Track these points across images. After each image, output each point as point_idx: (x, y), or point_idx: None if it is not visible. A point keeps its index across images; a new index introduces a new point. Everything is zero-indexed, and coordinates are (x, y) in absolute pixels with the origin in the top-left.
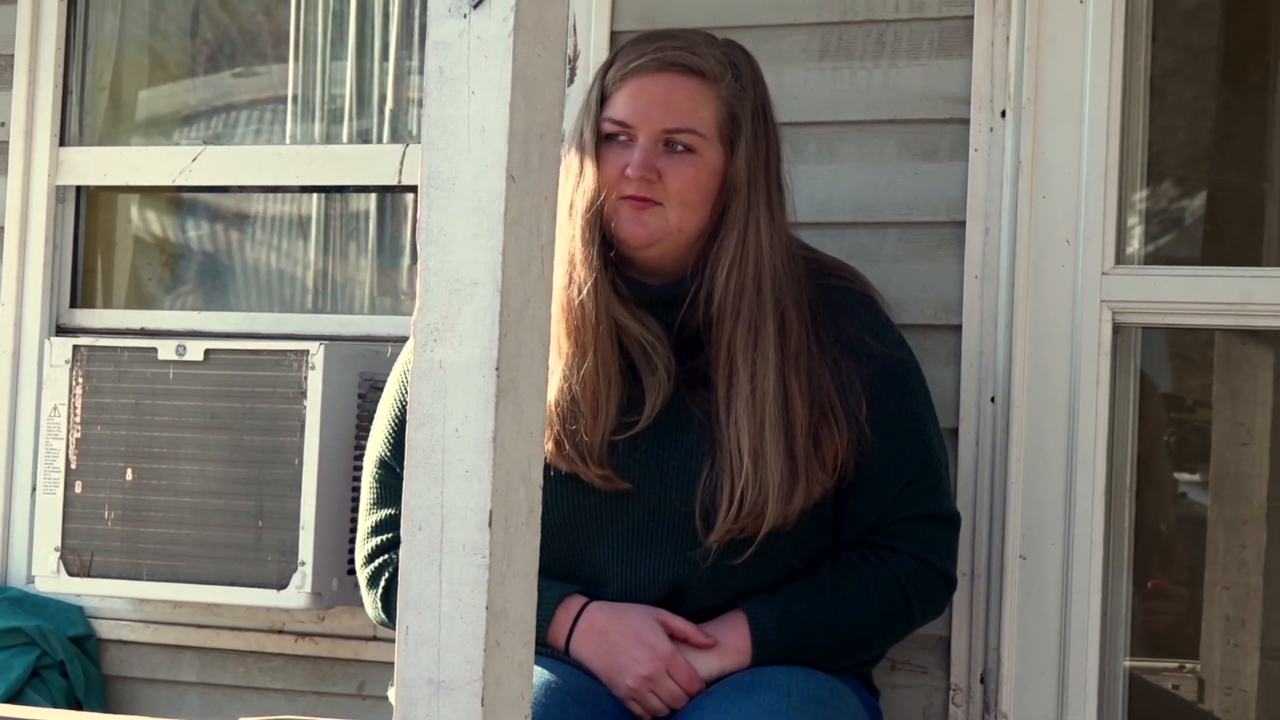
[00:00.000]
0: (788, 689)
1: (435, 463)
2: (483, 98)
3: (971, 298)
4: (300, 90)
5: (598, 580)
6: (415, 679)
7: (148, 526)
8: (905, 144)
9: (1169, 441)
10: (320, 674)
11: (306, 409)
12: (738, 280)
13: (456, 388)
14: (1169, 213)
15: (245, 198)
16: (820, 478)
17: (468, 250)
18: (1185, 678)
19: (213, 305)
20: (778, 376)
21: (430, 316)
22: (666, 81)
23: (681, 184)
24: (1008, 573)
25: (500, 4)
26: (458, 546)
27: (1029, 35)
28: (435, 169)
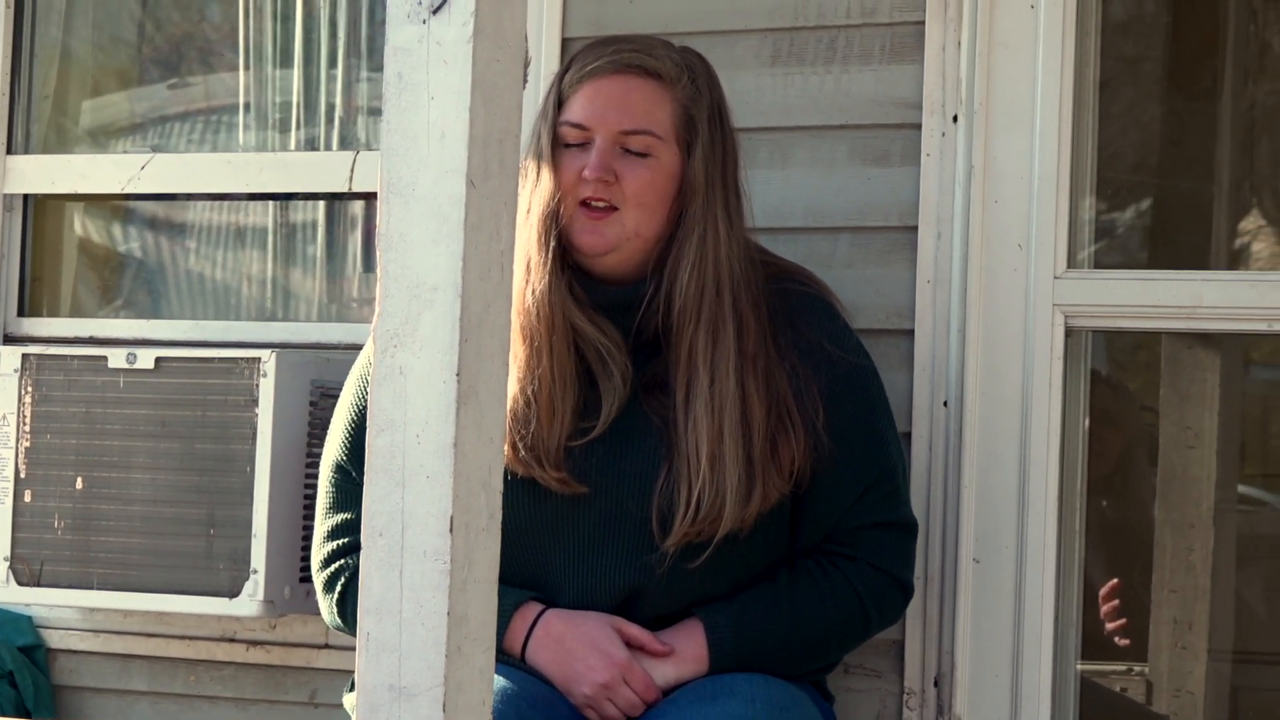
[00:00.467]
0: (751, 696)
1: (396, 468)
2: (442, 103)
3: (924, 302)
4: (250, 98)
5: (554, 586)
6: (376, 685)
7: (98, 535)
8: (857, 149)
9: (1121, 445)
10: (272, 682)
11: (258, 416)
12: (697, 283)
13: (417, 393)
14: (1120, 217)
15: (194, 206)
16: (777, 483)
17: (428, 256)
18: (1133, 680)
19: (162, 313)
20: (736, 380)
21: (390, 322)
22: (623, 83)
23: (638, 186)
24: (961, 576)
25: (460, 10)
26: (419, 552)
27: (980, 40)
28: (395, 174)
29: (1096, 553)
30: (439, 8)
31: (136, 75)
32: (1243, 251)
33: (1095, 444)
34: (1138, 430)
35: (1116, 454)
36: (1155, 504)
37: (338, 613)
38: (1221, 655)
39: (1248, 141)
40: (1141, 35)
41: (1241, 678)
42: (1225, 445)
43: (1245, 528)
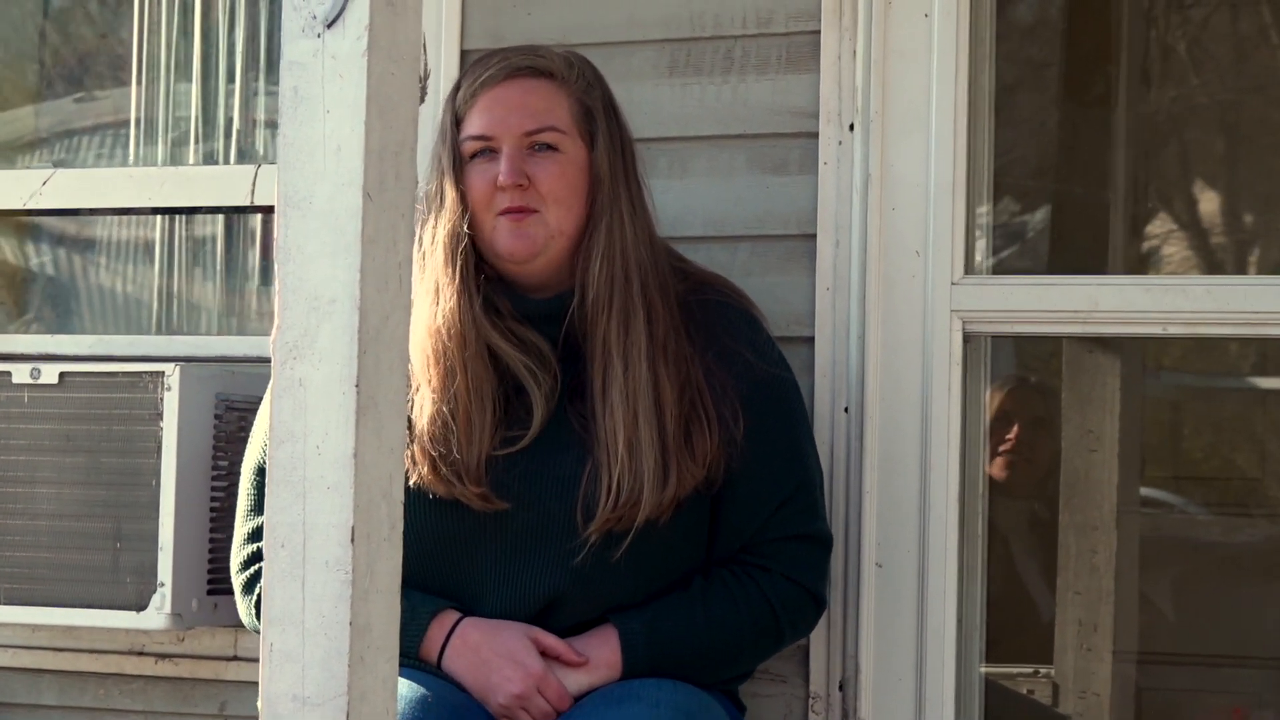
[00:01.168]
0: (656, 700)
1: (297, 480)
2: (338, 117)
3: (824, 309)
4: (145, 113)
5: (474, 596)
6: (280, 695)
7: (4, 550)
8: (755, 158)
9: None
10: (181, 695)
11: (163, 430)
12: (607, 272)
13: (316, 405)
14: (1017, 223)
15: (96, 221)
16: (691, 468)
17: (325, 268)
18: (1040, 682)
19: (66, 328)
20: (649, 365)
21: (289, 334)
22: (518, 86)
23: (552, 182)
24: (864, 581)
25: (354, 24)
26: (320, 563)
27: (875, 50)
28: (291, 188)
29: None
30: (333, 22)
31: (34, 92)
32: (1140, 256)
33: (1025, 449)
34: (1069, 435)
35: (1048, 458)
36: (1060, 506)
37: (255, 615)
38: (1126, 656)
39: (1145, 147)
40: (1040, 42)
41: (1146, 678)
42: (1126, 448)
43: (1149, 529)
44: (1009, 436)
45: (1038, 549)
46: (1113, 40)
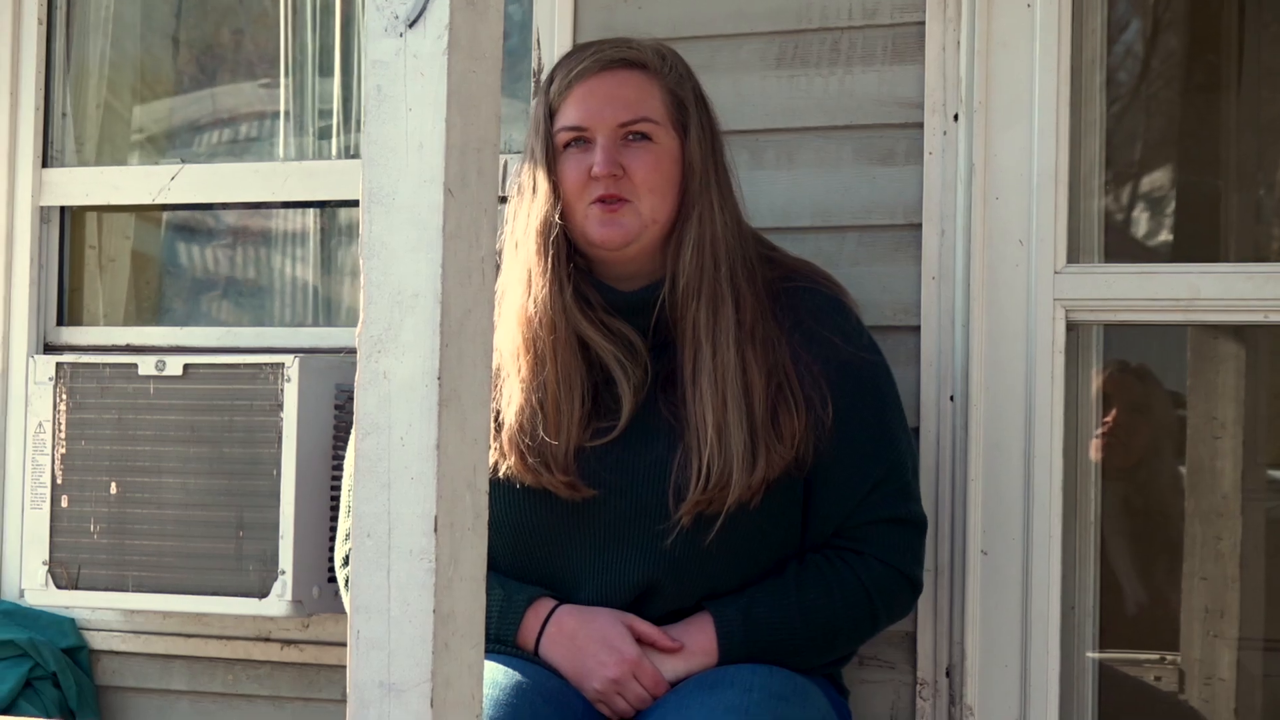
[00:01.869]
0: (749, 684)
1: (381, 470)
2: (419, 114)
3: (929, 299)
4: (290, 107)
5: (570, 584)
6: (366, 682)
7: (132, 539)
8: (862, 149)
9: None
10: (306, 680)
11: (283, 421)
12: (697, 260)
13: (400, 398)
14: (1124, 211)
15: (226, 214)
16: (779, 450)
17: (408, 263)
18: (1166, 669)
19: (196, 320)
20: (736, 350)
21: (374, 328)
22: (612, 78)
23: (646, 172)
24: (970, 568)
25: (434, 23)
26: (404, 552)
27: (979, 40)
28: (375, 184)
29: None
30: (414, 21)
31: (171, 87)
32: (1252, 245)
33: (1121, 434)
34: (1167, 421)
35: (1144, 442)
36: (1184, 493)
37: None
38: (1252, 643)
39: (1259, 134)
40: (1153, 31)
41: (1272, 665)
42: (1251, 435)
43: (1275, 515)
44: (1105, 420)
45: (1162, 536)
46: (1228, 26)
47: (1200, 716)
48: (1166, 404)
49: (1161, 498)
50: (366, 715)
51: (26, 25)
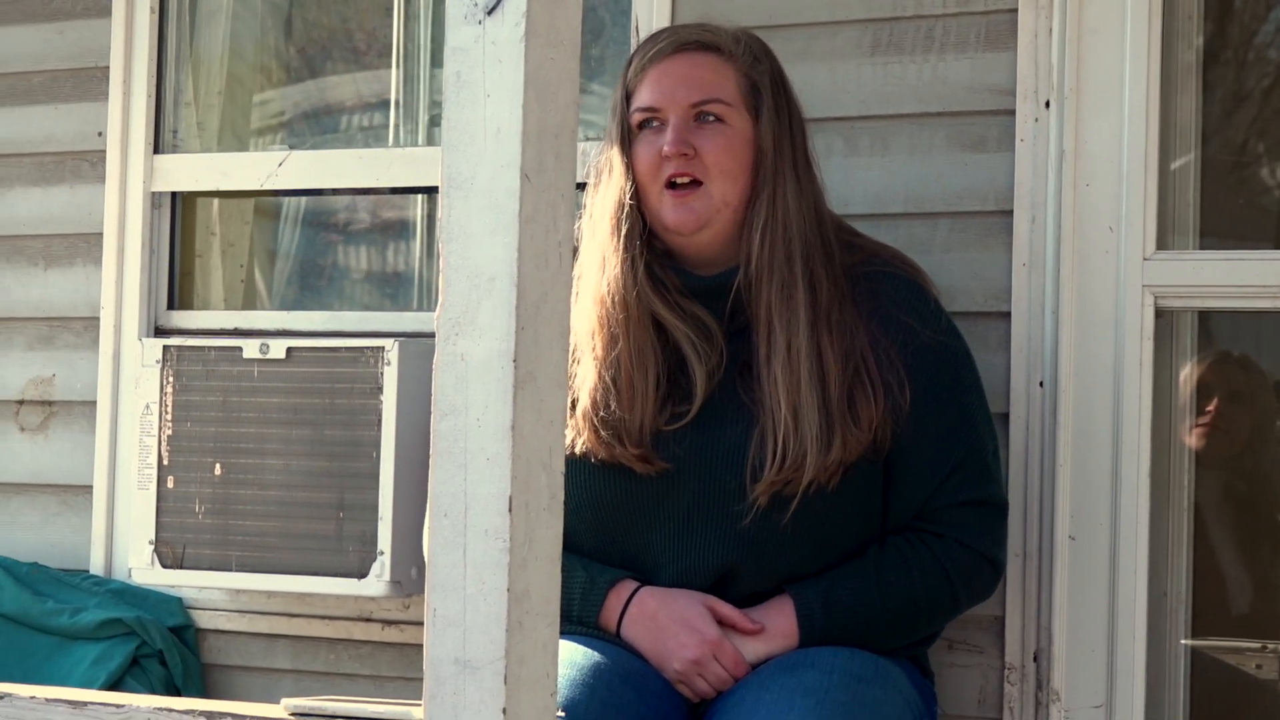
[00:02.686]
0: (830, 666)
1: (458, 451)
2: (497, 100)
3: (1020, 285)
4: (401, 96)
5: (651, 566)
6: (442, 659)
7: (236, 519)
8: (954, 136)
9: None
10: (407, 660)
11: (383, 403)
12: (769, 243)
13: (477, 379)
14: (1216, 198)
15: (332, 200)
16: (856, 434)
17: (486, 247)
18: (1268, 657)
19: (302, 305)
20: (809, 334)
21: (451, 311)
22: (686, 60)
23: (717, 153)
24: (1058, 553)
25: (512, 10)
26: (480, 531)
27: (1070, 27)
28: (454, 169)
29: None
30: (493, 9)
31: (279, 77)
32: None
33: (1224, 422)
34: (1270, 409)
35: (1247, 430)
36: None
37: None
38: None
39: None
40: (1248, 13)
41: None
42: None
43: None
44: (1208, 410)
45: (1259, 522)
46: None
47: None
48: (1270, 393)
49: (1265, 485)
50: (442, 691)
51: (139, 14)
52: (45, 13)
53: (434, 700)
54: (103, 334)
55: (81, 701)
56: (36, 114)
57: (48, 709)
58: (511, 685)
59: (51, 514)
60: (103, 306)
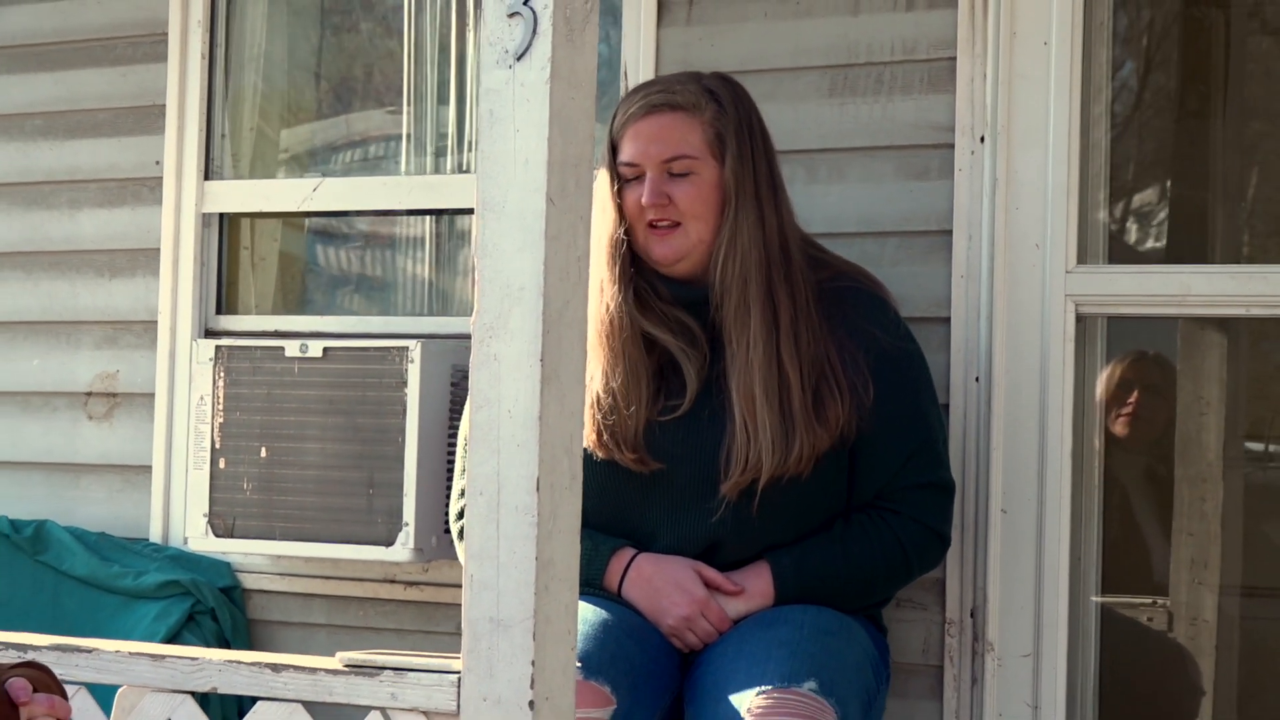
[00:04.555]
0: (801, 622)
1: (492, 439)
2: (526, 135)
3: (958, 295)
4: (412, 131)
5: (648, 538)
6: (479, 618)
7: (279, 495)
8: (901, 166)
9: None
10: (425, 616)
11: (407, 396)
12: (726, 269)
13: (508, 376)
14: (1126, 220)
15: (359, 220)
16: (820, 434)
17: (515, 261)
18: (1157, 611)
19: (332, 310)
20: (766, 347)
21: (486, 317)
22: (656, 121)
23: (688, 201)
24: (991, 525)
25: (539, 57)
26: (511, 508)
27: (1002, 73)
28: (488, 194)
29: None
30: (522, 55)
31: (313, 112)
32: (1235, 248)
33: (1145, 412)
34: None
35: (1164, 420)
36: (1175, 461)
37: None
38: (1231, 590)
39: (1238, 155)
40: (1150, 64)
41: (1248, 609)
42: (1231, 411)
43: (1251, 480)
44: (1130, 401)
45: (1155, 498)
46: (1215, 64)
47: (1186, 651)
48: (1146, 384)
49: (1154, 466)
50: (478, 646)
51: (191, 59)
52: (109, 58)
53: (472, 654)
54: (160, 335)
55: (160, 655)
56: (102, 145)
57: (131, 662)
58: (539, 641)
59: (116, 490)
60: (160, 311)
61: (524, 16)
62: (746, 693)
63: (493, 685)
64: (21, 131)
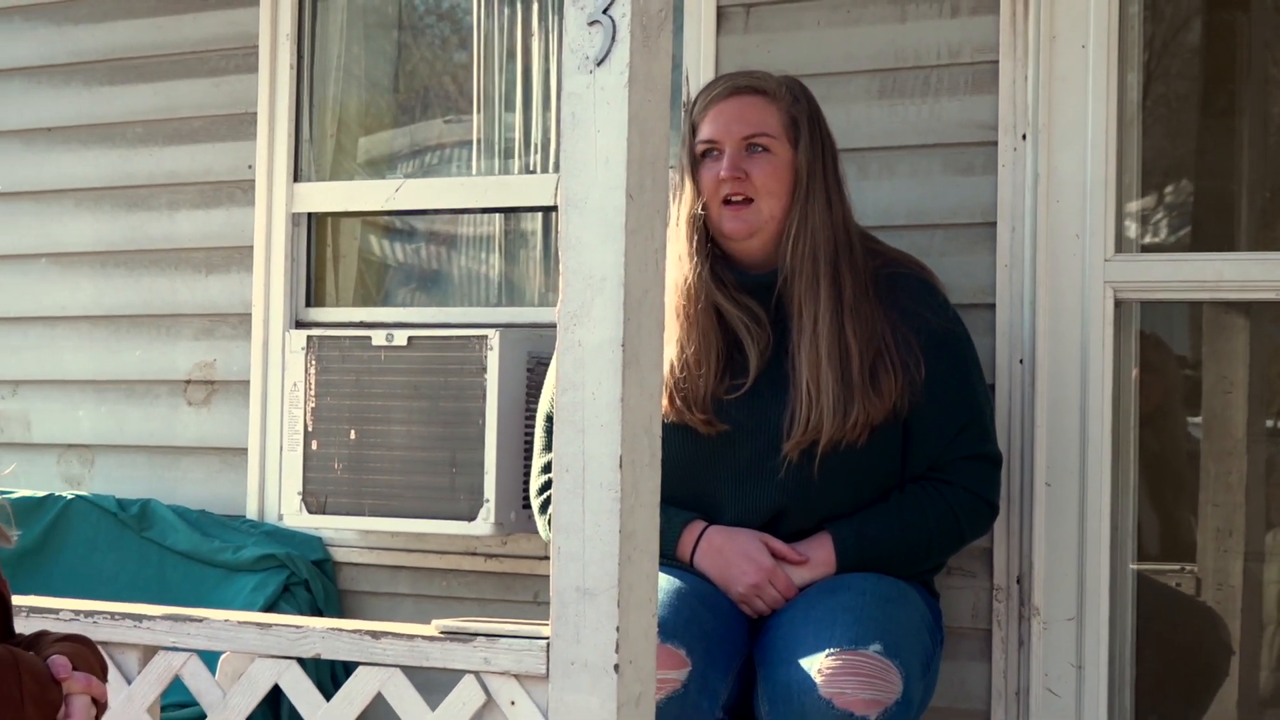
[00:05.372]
0: (862, 589)
1: (578, 420)
2: (606, 135)
3: (1003, 283)
4: (482, 135)
5: (716, 509)
6: (566, 587)
7: (367, 474)
8: (948, 163)
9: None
10: (505, 586)
11: (487, 381)
12: (797, 246)
13: (592, 361)
14: (1161, 211)
15: (439, 217)
16: (876, 402)
17: (598, 254)
18: (1186, 576)
19: (416, 301)
20: (833, 321)
21: (570, 306)
22: (739, 102)
23: (764, 176)
24: (1036, 497)
25: (618, 62)
26: (596, 484)
27: (1042, 74)
28: (571, 191)
29: (1152, 477)
30: (602, 61)
31: (393, 119)
32: (1264, 237)
33: (1144, 389)
34: (1176, 379)
35: (1158, 397)
36: (1201, 437)
37: (548, 527)
38: (1255, 556)
39: (1264, 148)
40: (1182, 63)
41: (1271, 573)
42: (1255, 390)
43: (1273, 454)
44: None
45: (1182, 472)
46: (1241, 64)
47: (1214, 613)
48: (1173, 365)
49: (1178, 441)
50: (566, 614)
51: (281, 70)
52: (204, 70)
53: (559, 621)
54: (254, 327)
55: (267, 624)
56: (200, 151)
57: (239, 630)
58: (623, 608)
59: (214, 471)
60: (253, 305)
61: (603, 25)
62: (816, 655)
63: (579, 650)
64: (124, 138)
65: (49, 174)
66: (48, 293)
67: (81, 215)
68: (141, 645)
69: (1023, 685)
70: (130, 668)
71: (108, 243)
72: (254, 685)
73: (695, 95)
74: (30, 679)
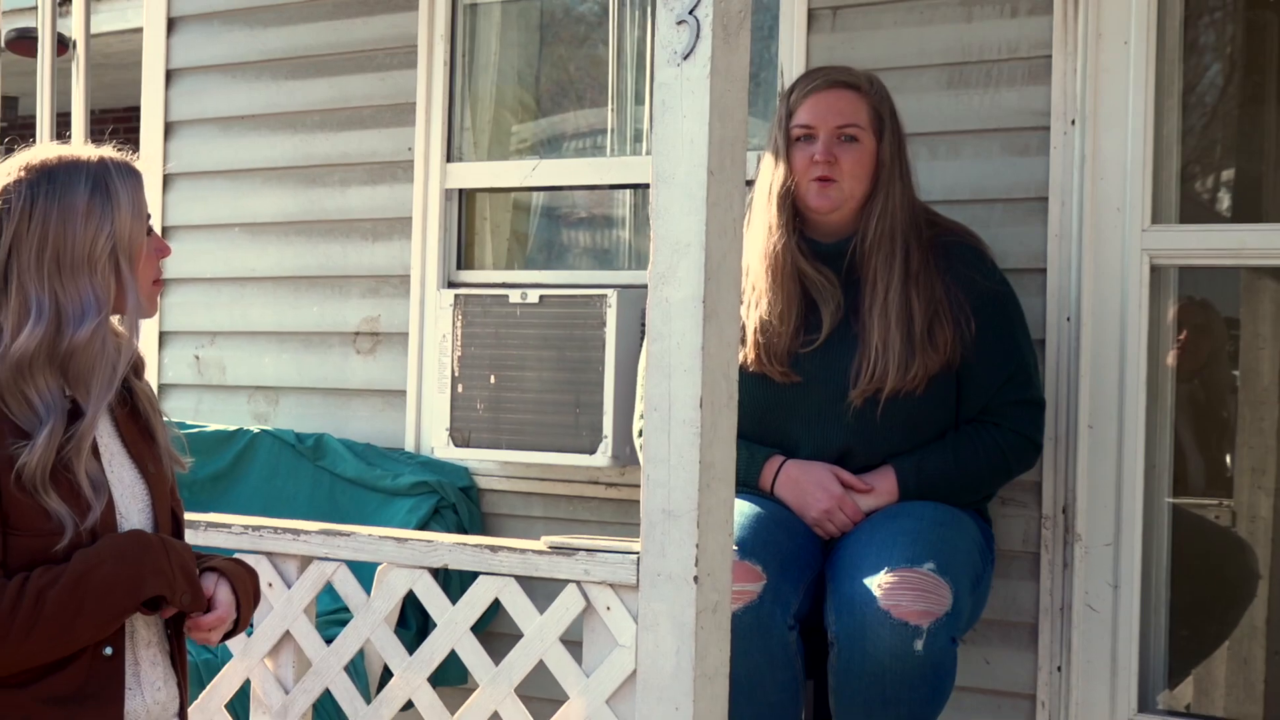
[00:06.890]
0: (921, 515)
1: (664, 365)
2: (691, 120)
3: (1053, 251)
4: (614, 123)
5: (793, 447)
6: (654, 510)
7: (504, 414)
8: (1006, 145)
9: (1209, 347)
10: (622, 510)
11: (606, 334)
12: (879, 225)
13: (677, 315)
14: (1192, 187)
15: (566, 194)
16: (933, 357)
17: (683, 223)
18: (1223, 510)
19: (549, 265)
20: (901, 289)
21: (659, 268)
22: (835, 94)
23: (851, 163)
24: (1080, 438)
25: (702, 56)
26: (680, 421)
27: (1090, 67)
28: (661, 168)
29: (1191, 421)
30: (688, 55)
31: (534, 109)
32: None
33: (1190, 347)
34: (1222, 337)
35: (1205, 354)
36: (1238, 387)
37: None
38: None
39: None
40: (1213, 59)
41: None
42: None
43: None
44: (1179, 338)
45: (1208, 417)
46: (1270, 56)
47: (1244, 541)
48: (1221, 325)
49: (1222, 391)
50: (653, 533)
51: (436, 66)
52: (372, 66)
53: (648, 539)
54: (413, 286)
55: (403, 539)
56: (368, 135)
57: (380, 543)
58: (703, 529)
59: (378, 410)
60: (412, 268)
61: (689, 24)
62: (877, 572)
63: (664, 563)
64: (303, 125)
65: (241, 155)
66: (239, 257)
67: (268, 191)
68: (300, 555)
69: (1066, 601)
70: (290, 574)
71: (289, 214)
72: (391, 591)
73: (791, 85)
74: (179, 556)
